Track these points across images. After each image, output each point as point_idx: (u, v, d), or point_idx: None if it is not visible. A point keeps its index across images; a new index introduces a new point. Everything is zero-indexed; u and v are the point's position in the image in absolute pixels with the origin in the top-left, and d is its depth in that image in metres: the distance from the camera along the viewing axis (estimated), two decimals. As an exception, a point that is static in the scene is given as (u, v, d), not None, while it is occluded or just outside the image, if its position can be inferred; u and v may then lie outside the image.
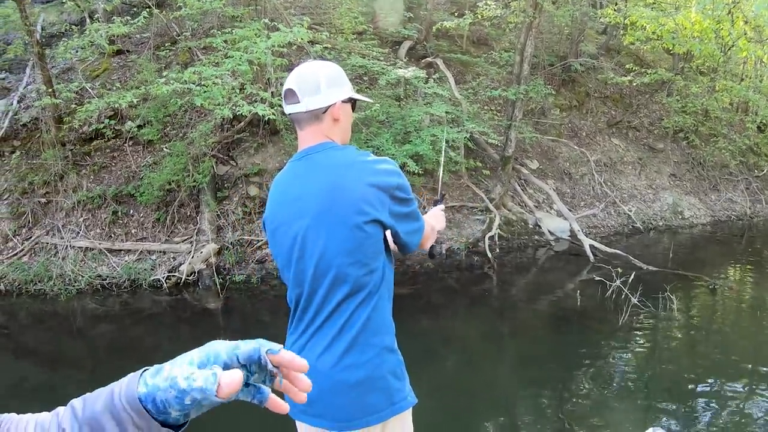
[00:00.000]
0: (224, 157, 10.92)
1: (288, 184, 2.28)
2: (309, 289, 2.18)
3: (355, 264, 2.12)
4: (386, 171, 2.19)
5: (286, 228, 2.22)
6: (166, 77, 8.46)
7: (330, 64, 2.32)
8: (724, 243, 14.16)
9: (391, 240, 2.32)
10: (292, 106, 2.23)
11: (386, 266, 2.25)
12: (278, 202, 2.29)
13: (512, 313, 9.19)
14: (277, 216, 2.28)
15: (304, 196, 2.18)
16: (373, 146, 9.76)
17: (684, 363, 7.33)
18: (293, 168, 2.29)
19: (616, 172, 15.27)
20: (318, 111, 2.22)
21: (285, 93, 2.25)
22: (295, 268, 2.21)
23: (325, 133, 2.26)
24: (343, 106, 2.29)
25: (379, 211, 2.13)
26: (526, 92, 12.39)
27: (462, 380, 6.78)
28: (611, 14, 13.43)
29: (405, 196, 2.23)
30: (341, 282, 2.13)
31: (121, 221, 10.21)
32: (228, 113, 8.25)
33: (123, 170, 10.68)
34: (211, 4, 9.60)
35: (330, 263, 2.13)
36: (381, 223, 2.14)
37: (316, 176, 2.18)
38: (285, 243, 2.23)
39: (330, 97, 2.23)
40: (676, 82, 16.42)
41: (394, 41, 14.28)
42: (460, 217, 11.94)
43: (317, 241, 2.14)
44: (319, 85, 2.21)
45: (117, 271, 9.45)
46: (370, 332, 2.16)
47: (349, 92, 2.32)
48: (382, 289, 2.21)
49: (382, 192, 2.14)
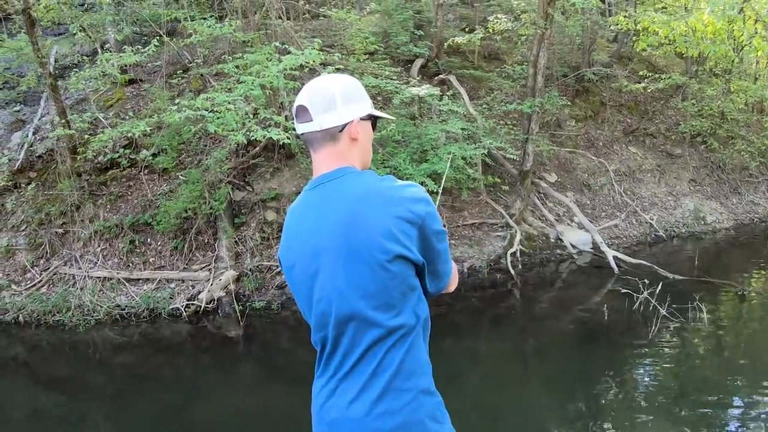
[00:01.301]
0: (240, 183, 10.87)
1: (301, 217, 2.02)
2: (334, 333, 1.93)
3: (381, 307, 1.86)
4: (412, 198, 1.90)
5: (302, 267, 1.97)
6: (178, 105, 8.41)
7: (346, 77, 2.08)
8: (749, 246, 13.95)
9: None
10: (304, 124, 1.99)
11: (420, 303, 1.97)
12: (292, 238, 2.04)
13: (537, 330, 9.02)
14: (292, 253, 2.02)
15: (319, 232, 1.92)
16: (390, 167, 9.67)
17: (718, 376, 7.14)
18: (307, 198, 2.03)
19: (636, 180, 15.09)
20: (333, 130, 1.97)
21: (296, 110, 2.00)
22: (316, 310, 1.96)
23: (342, 156, 1.99)
24: (362, 123, 2.03)
25: (405, 247, 1.85)
26: (542, 105, 12.27)
27: (488, 401, 6.65)
28: (623, 21, 13.30)
29: (436, 228, 1.95)
30: (368, 326, 1.88)
31: (139, 250, 10.17)
32: (242, 139, 8.20)
33: (139, 199, 10.65)
34: (221, 30, 9.58)
35: (352, 308, 1.87)
36: (408, 260, 1.87)
37: (332, 208, 1.91)
38: (303, 284, 1.99)
39: (347, 114, 1.98)
40: (691, 86, 16.25)
41: (405, 60, 14.23)
42: (481, 234, 11.80)
43: (335, 283, 1.89)
44: (335, 101, 1.96)
45: (136, 300, 9.39)
46: (405, 376, 1.92)
47: (369, 108, 2.07)
48: (417, 329, 1.95)
49: (409, 224, 1.86)
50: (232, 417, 6.57)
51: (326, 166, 1.99)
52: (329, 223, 1.89)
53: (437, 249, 1.97)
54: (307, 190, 2.03)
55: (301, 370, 2.12)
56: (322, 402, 1.98)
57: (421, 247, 1.91)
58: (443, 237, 1.99)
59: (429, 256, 1.95)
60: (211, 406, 6.83)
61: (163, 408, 6.90)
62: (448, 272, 2.09)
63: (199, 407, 6.86)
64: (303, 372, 2.56)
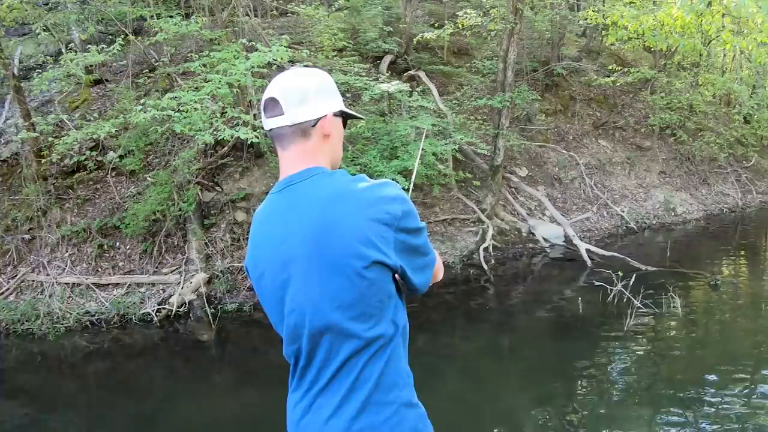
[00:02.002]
0: (209, 184, 10.73)
1: (269, 222, 1.87)
2: (308, 346, 1.80)
3: (358, 318, 1.74)
4: (387, 198, 1.77)
5: (271, 277, 1.83)
6: (143, 105, 8.25)
7: (319, 72, 1.95)
8: (719, 236, 14.17)
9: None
10: (274, 119, 1.84)
11: (398, 310, 1.86)
12: (259, 245, 1.89)
13: (513, 325, 9.02)
14: (260, 262, 1.88)
15: (289, 239, 1.78)
16: (360, 164, 9.60)
17: (693, 365, 7.20)
18: (274, 202, 1.88)
19: (606, 173, 15.19)
20: (306, 125, 1.84)
21: (265, 104, 1.86)
22: (288, 322, 1.82)
23: (312, 154, 1.85)
24: (335, 120, 1.92)
25: (382, 252, 1.72)
26: (512, 99, 12.28)
27: (464, 397, 6.62)
28: (592, 15, 13.37)
29: (414, 225, 1.82)
30: (345, 338, 1.75)
31: (108, 254, 9.99)
32: (209, 139, 8.05)
33: (107, 202, 10.47)
34: (187, 27, 9.42)
35: (327, 319, 1.74)
36: (386, 265, 1.74)
37: (302, 213, 1.77)
38: (273, 295, 1.85)
39: (320, 108, 1.86)
40: (659, 80, 16.39)
41: (375, 56, 14.15)
42: (453, 230, 11.79)
43: (309, 293, 1.75)
44: (308, 94, 1.84)
45: (106, 306, 9.19)
46: (385, 389, 1.80)
47: (341, 105, 1.96)
48: (396, 339, 1.83)
49: (385, 226, 1.73)
50: (208, 423, 6.46)
51: (294, 166, 1.85)
52: (299, 229, 1.76)
53: (415, 245, 1.85)
54: (274, 193, 1.88)
55: (276, 373, 2.05)
56: (298, 418, 1.87)
57: (398, 249, 1.78)
58: (422, 232, 1.88)
59: (410, 254, 1.83)
60: (186, 413, 6.72)
61: (137, 416, 6.76)
62: (431, 263, 1.97)
63: (173, 414, 6.74)
64: (278, 375, 2.50)
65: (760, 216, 16.32)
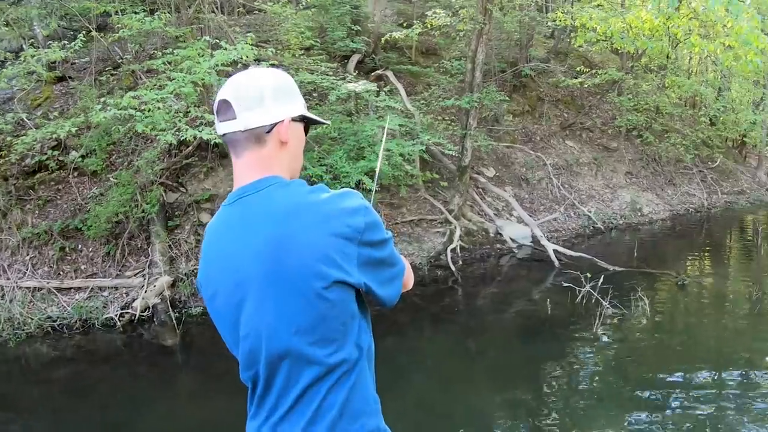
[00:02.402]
0: (173, 184, 10.55)
1: (221, 237, 1.72)
2: (266, 372, 1.65)
3: (319, 342, 1.60)
4: (348, 209, 1.62)
5: (225, 297, 1.68)
6: (103, 103, 8.06)
7: (277, 72, 1.80)
8: (685, 236, 14.34)
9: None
10: (226, 123, 1.69)
11: (363, 332, 1.72)
12: (212, 262, 1.73)
13: (481, 326, 8.98)
14: (212, 280, 1.72)
15: (242, 256, 1.63)
16: (326, 164, 9.51)
17: (661, 367, 7.20)
18: (226, 215, 1.73)
19: (573, 174, 15.27)
20: (260, 130, 1.68)
21: (218, 106, 1.70)
22: (244, 347, 1.67)
23: (267, 163, 1.70)
24: (293, 125, 1.76)
25: (343, 270, 1.58)
26: (480, 100, 12.26)
27: (433, 399, 6.57)
28: (561, 17, 13.41)
29: (378, 237, 1.69)
30: (305, 364, 1.61)
31: (70, 257, 9.76)
32: (171, 139, 7.89)
33: (69, 203, 10.23)
34: (150, 24, 9.25)
35: (285, 344, 1.60)
36: (348, 284, 1.61)
37: (256, 228, 1.62)
38: (226, 316, 1.70)
39: (276, 113, 1.70)
40: (626, 81, 16.53)
41: (342, 55, 14.06)
42: (420, 231, 11.73)
43: (264, 317, 1.60)
44: (263, 97, 1.68)
45: (68, 311, 8.95)
46: (351, 417, 1.67)
47: (302, 109, 1.80)
48: (361, 362, 1.70)
49: (346, 240, 1.59)
50: (173, 430, 6.34)
51: (247, 176, 1.70)
52: (253, 246, 1.61)
53: (381, 258, 1.71)
54: (226, 205, 1.73)
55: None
56: None
57: (362, 264, 1.64)
58: (387, 243, 1.74)
59: (375, 268, 1.69)
60: (151, 420, 6.56)
61: (101, 423, 6.59)
62: (399, 273, 1.83)
63: (138, 421, 6.58)
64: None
65: (725, 216, 16.57)
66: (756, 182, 20.00)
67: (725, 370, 7.10)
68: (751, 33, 7.71)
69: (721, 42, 9.65)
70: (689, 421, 5.93)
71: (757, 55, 8.54)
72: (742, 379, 6.84)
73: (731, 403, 6.26)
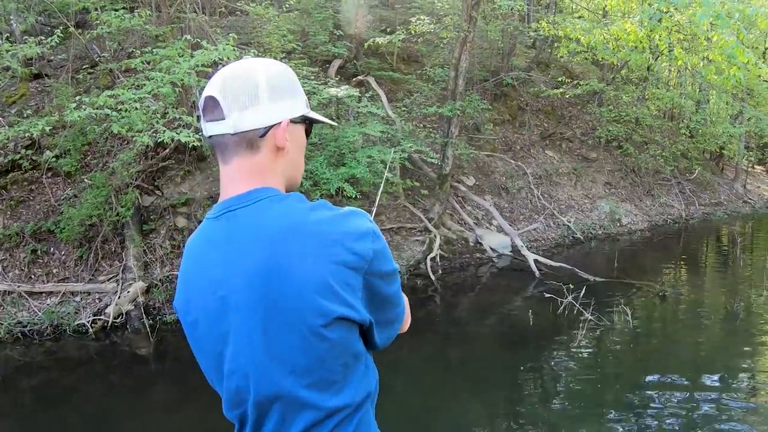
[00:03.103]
0: (149, 187, 10.33)
1: (204, 257, 1.44)
2: (254, 414, 1.41)
3: (316, 385, 1.36)
4: (355, 233, 1.37)
5: (207, 327, 1.42)
6: (78, 102, 7.85)
7: (276, 63, 1.50)
8: (663, 247, 14.42)
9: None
10: (213, 124, 1.41)
11: (368, 373, 1.49)
12: (192, 285, 1.46)
13: (461, 336, 8.87)
14: (193, 307, 1.45)
15: (229, 282, 1.37)
16: (306, 171, 9.35)
17: (642, 379, 7.16)
18: (210, 231, 1.45)
19: (553, 183, 15.26)
20: (253, 134, 1.41)
21: (204, 103, 1.43)
22: (229, 385, 1.42)
23: (260, 172, 1.43)
24: (293, 128, 1.49)
25: (347, 304, 1.34)
26: (463, 108, 12.18)
27: (412, 411, 6.45)
28: (545, 27, 13.39)
29: (387, 269, 1.44)
30: (300, 409, 1.37)
31: (42, 260, 9.50)
32: (148, 140, 7.70)
33: (42, 204, 9.97)
34: (130, 21, 9.06)
35: (277, 386, 1.36)
36: (352, 321, 1.37)
37: (244, 249, 1.36)
38: (210, 349, 1.44)
39: (273, 113, 1.42)
40: (607, 93, 16.57)
41: (324, 60, 13.94)
42: (399, 239, 11.62)
43: (253, 354, 1.36)
44: (258, 94, 1.41)
45: (39, 316, 8.71)
46: None
47: (304, 108, 1.52)
48: (365, 405, 1.46)
49: (351, 271, 1.34)
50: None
51: (236, 186, 1.43)
52: (241, 272, 1.35)
53: (388, 294, 1.47)
54: (210, 219, 1.45)
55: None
56: None
57: (367, 298, 1.40)
58: (395, 277, 1.50)
59: (378, 305, 1.45)
60: (124, 431, 6.38)
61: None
62: (400, 316, 1.60)
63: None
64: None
65: (702, 227, 16.70)
66: (733, 194, 20.18)
67: (707, 380, 7.09)
68: (737, 47, 7.70)
69: (705, 56, 9.67)
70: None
71: (740, 69, 8.54)
72: (720, 389, 6.83)
73: (710, 413, 6.25)
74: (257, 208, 1.38)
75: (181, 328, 1.53)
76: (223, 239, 1.40)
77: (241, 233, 1.38)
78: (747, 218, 18.82)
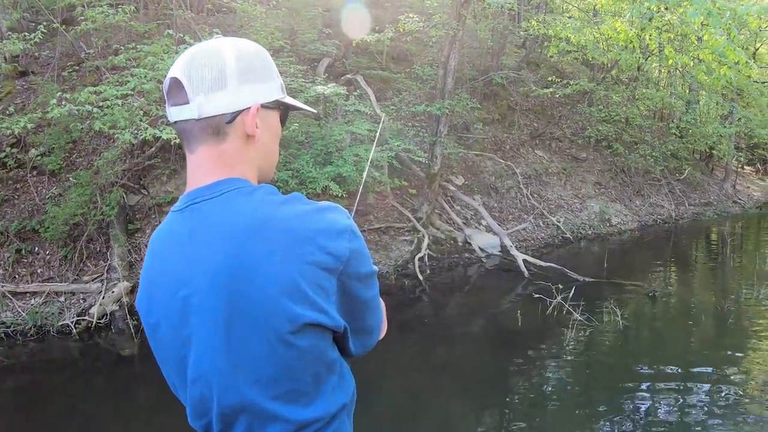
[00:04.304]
0: (135, 186, 10.22)
1: (167, 252, 1.33)
2: (220, 425, 1.30)
3: (284, 397, 1.25)
4: (331, 231, 1.25)
5: (169, 329, 1.30)
6: (58, 98, 7.74)
7: (247, 43, 1.37)
8: (654, 247, 14.45)
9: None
10: (176, 108, 1.30)
11: (342, 383, 1.37)
12: (154, 283, 1.34)
13: (449, 336, 8.80)
14: (155, 307, 1.33)
15: (190, 281, 1.25)
16: (292, 169, 9.27)
17: (632, 380, 7.12)
18: (174, 224, 1.34)
19: (542, 183, 15.22)
20: (218, 120, 1.28)
21: (168, 86, 1.32)
22: (192, 393, 1.32)
23: (227, 161, 1.31)
24: (265, 114, 1.35)
25: (319, 308, 1.23)
26: (451, 107, 12.12)
27: (400, 412, 6.41)
28: (535, 25, 13.35)
29: (365, 270, 1.33)
30: (267, 421, 1.26)
31: (26, 260, 9.38)
32: (130, 138, 7.60)
33: (27, 203, 9.85)
34: (114, 17, 8.96)
35: (242, 397, 1.25)
36: (324, 327, 1.26)
37: (207, 246, 1.24)
38: (171, 353, 1.33)
39: (242, 97, 1.30)
40: (597, 92, 16.55)
41: (312, 58, 13.84)
42: (387, 239, 11.54)
43: (215, 361, 1.25)
44: (225, 75, 1.28)
45: (22, 316, 8.59)
46: None
47: (278, 92, 1.39)
48: (340, 417, 1.35)
49: (324, 272, 1.23)
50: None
51: (203, 176, 1.31)
52: (205, 270, 1.24)
53: (365, 299, 1.36)
54: (175, 212, 1.34)
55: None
56: None
57: (342, 302, 1.29)
58: (373, 279, 1.38)
59: (354, 311, 1.34)
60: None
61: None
62: (379, 323, 1.49)
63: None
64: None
65: (692, 227, 16.73)
66: (723, 194, 20.24)
67: (697, 380, 7.07)
68: (728, 46, 7.66)
69: (696, 56, 9.65)
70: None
71: (731, 69, 8.51)
72: (710, 388, 6.82)
73: (700, 412, 6.25)
74: (223, 201, 1.27)
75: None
76: (186, 234, 1.28)
77: (205, 228, 1.26)
78: (737, 218, 18.88)
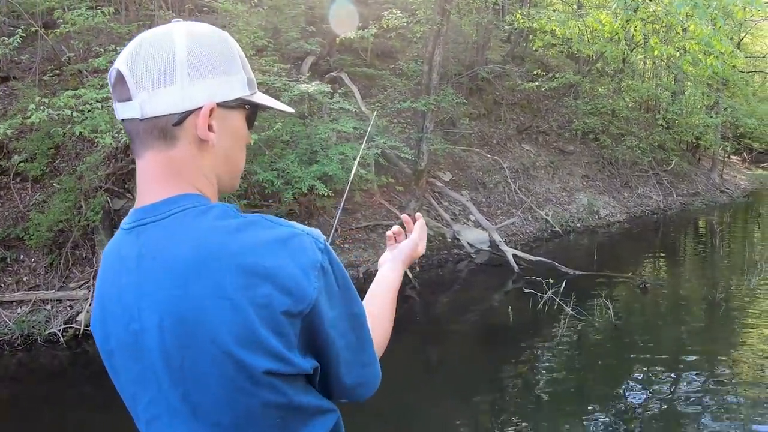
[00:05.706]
0: (119, 190, 10.09)
1: (118, 278, 1.12)
2: None
3: None
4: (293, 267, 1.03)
5: (123, 362, 1.13)
6: (38, 102, 7.63)
7: (207, 28, 1.15)
8: (643, 238, 14.48)
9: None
10: (121, 105, 1.10)
11: (323, 421, 1.17)
12: (107, 309, 1.15)
13: (440, 334, 8.76)
14: (109, 332, 1.14)
15: (141, 316, 1.06)
16: (277, 169, 9.18)
17: (625, 372, 7.16)
18: (123, 245, 1.13)
19: (530, 177, 15.20)
20: (164, 122, 1.08)
21: (113, 79, 1.11)
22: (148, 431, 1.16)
23: (177, 170, 1.11)
24: (224, 114, 1.13)
25: (277, 357, 1.03)
26: (437, 102, 12.06)
27: (391, 411, 6.32)
28: (519, 19, 13.32)
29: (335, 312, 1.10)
30: None
31: (11, 268, 9.25)
32: (110, 141, 7.50)
33: (10, 210, 9.71)
34: (93, 19, 8.85)
35: None
36: (285, 375, 1.05)
37: (155, 281, 1.05)
38: (127, 386, 1.17)
39: (193, 94, 1.08)
40: (583, 85, 16.55)
41: (296, 57, 13.76)
42: (375, 237, 11.47)
43: (170, 403, 1.08)
44: (173, 68, 1.06)
45: (9, 326, 8.46)
46: None
47: (240, 89, 1.16)
48: None
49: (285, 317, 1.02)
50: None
51: (151, 189, 1.13)
52: (152, 306, 1.05)
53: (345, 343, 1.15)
54: (124, 230, 1.14)
55: None
56: None
57: (310, 344, 1.09)
58: (354, 323, 1.17)
59: (330, 353, 1.12)
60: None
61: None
62: (373, 359, 1.27)
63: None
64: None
65: (681, 217, 16.76)
66: (710, 184, 20.32)
67: (690, 371, 7.11)
68: (714, 36, 7.64)
69: (681, 46, 9.63)
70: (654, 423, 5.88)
71: (717, 58, 8.50)
72: (703, 379, 6.83)
73: (693, 403, 6.25)
74: (170, 225, 1.07)
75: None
76: (134, 260, 1.09)
77: (151, 258, 1.07)
78: (724, 208, 18.95)
